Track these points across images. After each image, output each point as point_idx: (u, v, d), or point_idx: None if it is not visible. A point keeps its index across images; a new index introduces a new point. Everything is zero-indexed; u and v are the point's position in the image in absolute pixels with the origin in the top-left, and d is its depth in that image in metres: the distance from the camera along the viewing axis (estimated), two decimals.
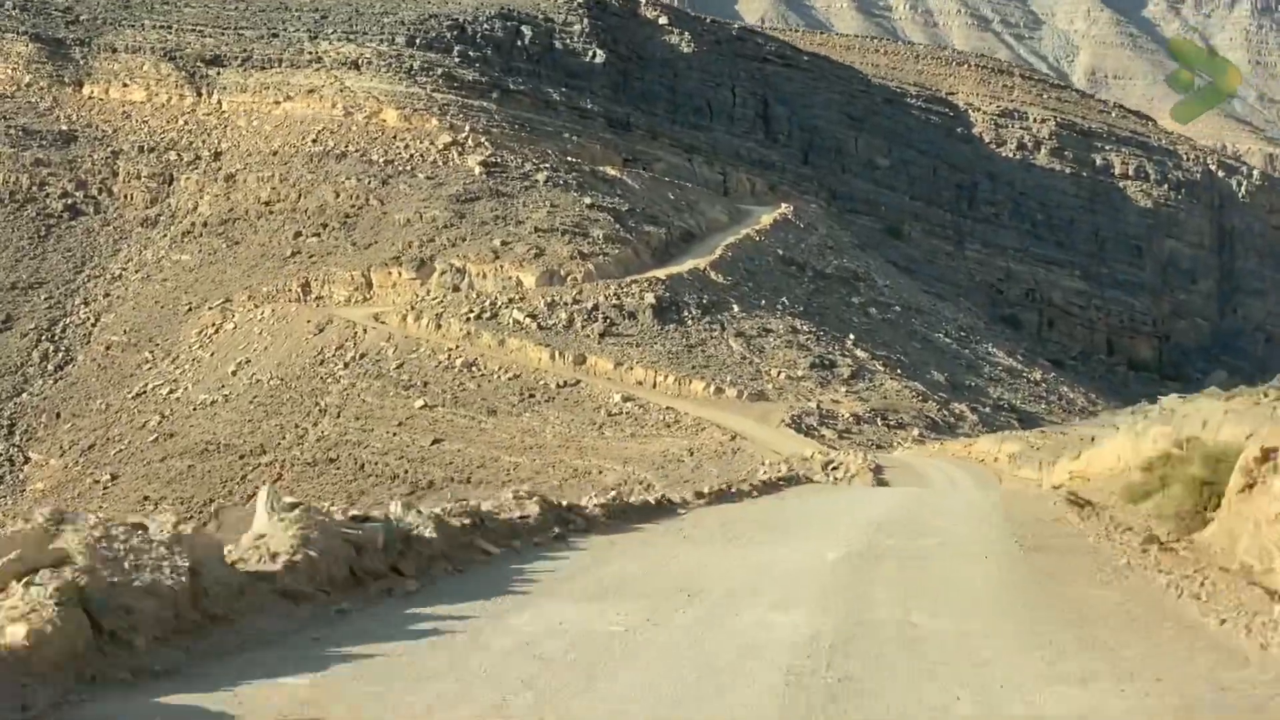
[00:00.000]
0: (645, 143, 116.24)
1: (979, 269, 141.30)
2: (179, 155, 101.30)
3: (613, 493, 23.80)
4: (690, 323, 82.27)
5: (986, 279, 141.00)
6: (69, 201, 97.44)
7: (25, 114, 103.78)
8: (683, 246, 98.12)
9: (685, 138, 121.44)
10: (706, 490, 21.73)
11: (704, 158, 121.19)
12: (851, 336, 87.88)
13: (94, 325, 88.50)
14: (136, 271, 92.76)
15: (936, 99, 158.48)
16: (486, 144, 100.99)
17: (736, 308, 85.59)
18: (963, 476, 42.69)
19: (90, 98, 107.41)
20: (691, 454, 63.39)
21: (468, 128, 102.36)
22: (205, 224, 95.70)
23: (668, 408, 70.51)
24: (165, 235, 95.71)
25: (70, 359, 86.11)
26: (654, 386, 75.12)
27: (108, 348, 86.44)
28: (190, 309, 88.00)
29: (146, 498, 71.94)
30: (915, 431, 70.58)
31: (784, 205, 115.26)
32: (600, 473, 64.66)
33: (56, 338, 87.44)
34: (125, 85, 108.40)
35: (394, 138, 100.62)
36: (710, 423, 67.36)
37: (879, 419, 71.13)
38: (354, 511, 13.71)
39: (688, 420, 68.85)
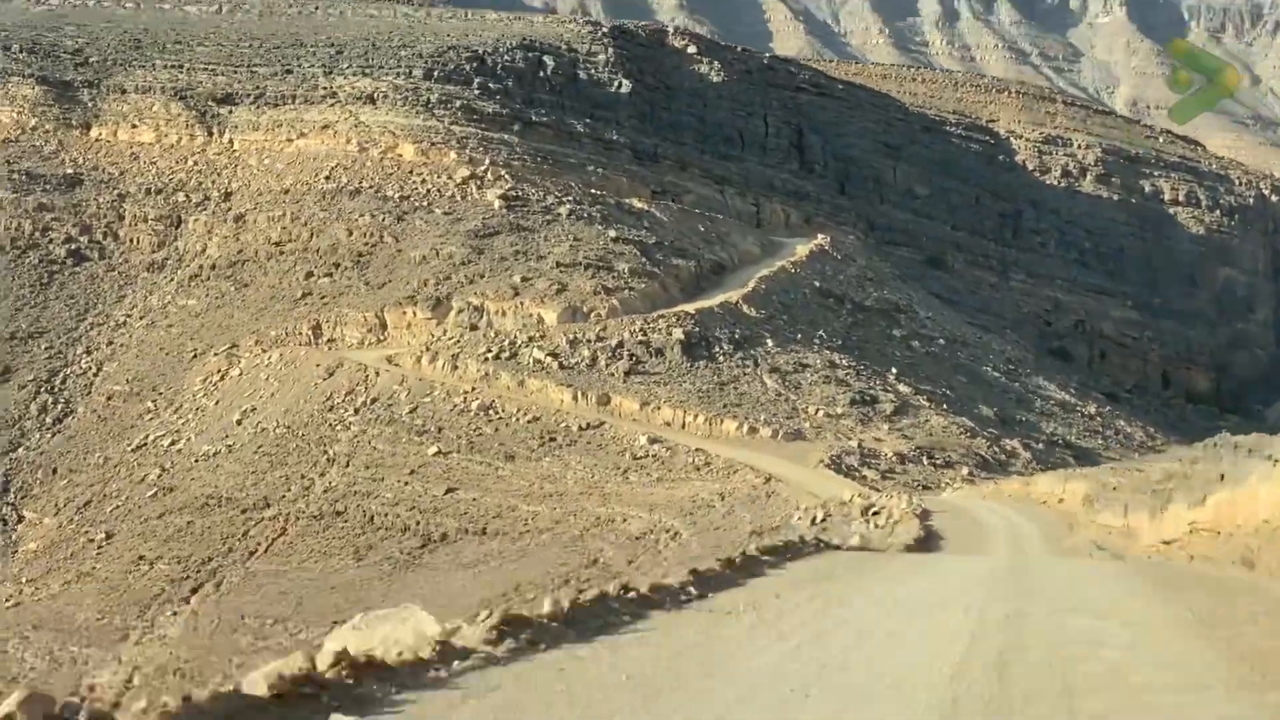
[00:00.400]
0: (674, 174, 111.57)
1: (1025, 300, 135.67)
2: (187, 196, 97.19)
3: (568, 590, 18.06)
4: (721, 359, 77.26)
5: (1034, 310, 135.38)
6: (73, 247, 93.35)
7: (29, 158, 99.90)
8: (714, 280, 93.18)
9: (716, 169, 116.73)
10: (700, 569, 16.10)
11: (736, 189, 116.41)
12: (894, 371, 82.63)
13: (95, 375, 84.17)
14: (141, 318, 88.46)
15: (977, 126, 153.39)
16: (507, 177, 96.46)
17: (771, 342, 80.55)
18: (1027, 525, 37.30)
19: (97, 140, 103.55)
20: (723, 498, 58.32)
21: (487, 161, 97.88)
22: (213, 267, 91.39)
23: (697, 449, 65.46)
24: (172, 279, 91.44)
25: (70, 411, 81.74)
26: (683, 427, 70.11)
27: (109, 398, 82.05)
28: (195, 355, 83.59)
29: (142, 557, 67.40)
30: (965, 470, 65.30)
31: (820, 236, 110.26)
32: (624, 520, 59.80)
33: (56, 389, 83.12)
34: (134, 126, 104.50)
35: (410, 173, 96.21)
36: (743, 465, 62.27)
37: (925, 457, 65.87)
38: None
39: (719, 463, 63.76)
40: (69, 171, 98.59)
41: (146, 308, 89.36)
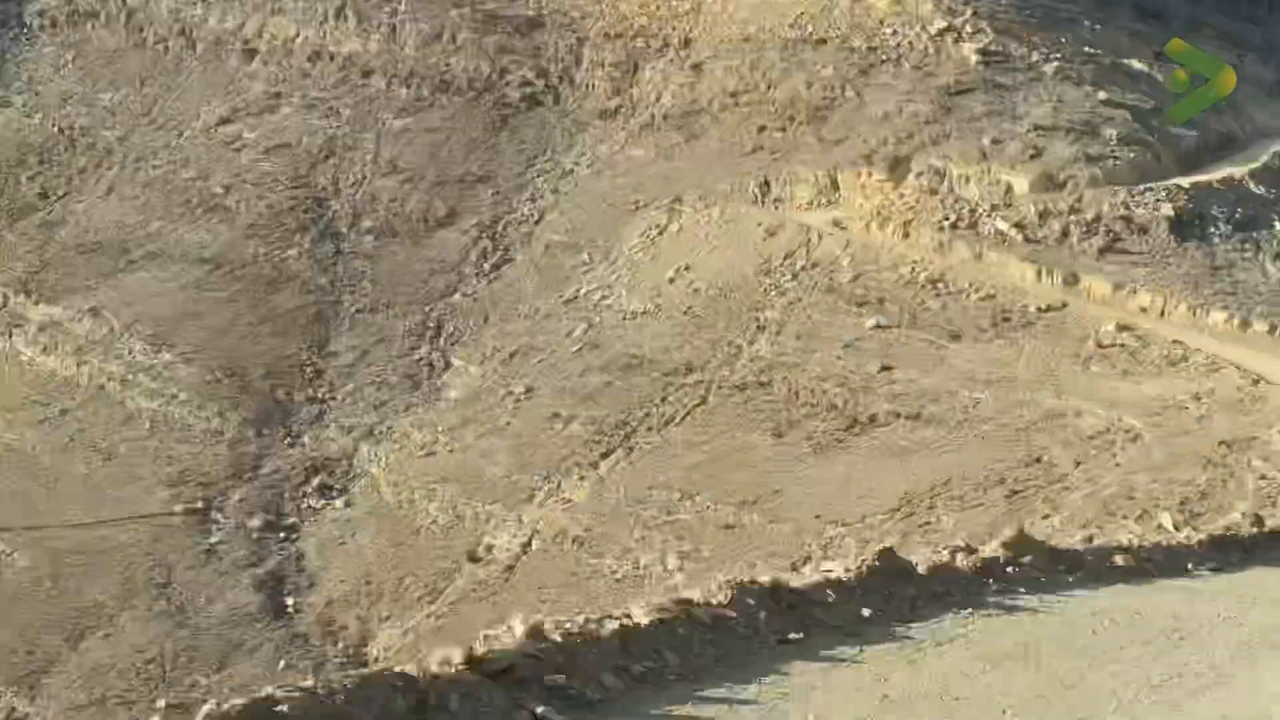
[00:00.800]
0: (1184, 34, 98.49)
1: None
2: (646, 43, 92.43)
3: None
4: (1217, 241, 66.56)
5: None
6: (528, 91, 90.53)
7: None
8: (1219, 154, 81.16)
9: (1237, 31, 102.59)
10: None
11: (1258, 55, 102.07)
12: None
13: (537, 223, 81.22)
14: (588, 167, 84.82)
15: None
16: (987, 30, 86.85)
17: (1278, 225, 68.91)
18: None
19: None
20: (1198, 400, 49.37)
21: (969, 12, 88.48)
22: (665, 116, 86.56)
23: (1174, 341, 56.07)
24: (623, 129, 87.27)
25: (509, 259, 79.14)
26: (1161, 315, 60.50)
27: (547, 247, 78.96)
28: (637, 208, 79.20)
29: (557, 415, 63.96)
30: None
31: None
32: (1078, 415, 51.83)
33: (498, 235, 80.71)
34: None
35: (880, 23, 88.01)
36: (1228, 362, 52.61)
37: None
38: None
39: (1199, 358, 54.31)
40: (530, 14, 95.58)
41: (595, 156, 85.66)
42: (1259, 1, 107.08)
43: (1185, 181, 72.12)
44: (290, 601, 59.14)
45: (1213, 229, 67.58)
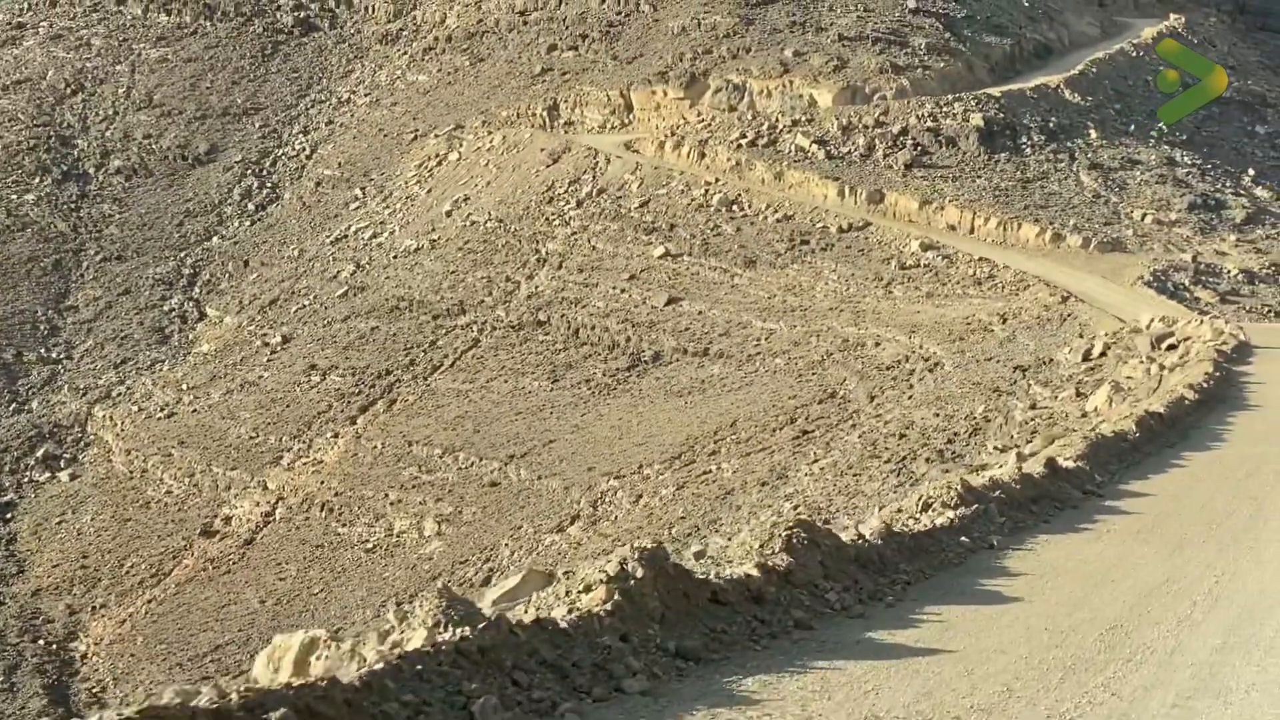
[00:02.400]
0: None
1: None
2: None
3: None
4: (1029, 151, 61.89)
5: None
6: (301, 15, 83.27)
7: None
8: (1034, 64, 76.57)
9: None
10: None
11: None
12: (1251, 172, 65.47)
13: (309, 157, 74.23)
14: (366, 95, 77.95)
15: None
16: None
17: (1094, 134, 64.44)
18: None
19: None
20: (1004, 321, 44.44)
21: None
22: (449, 39, 79.92)
23: (981, 259, 51.17)
24: (405, 53, 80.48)
25: (275, 197, 72.18)
26: (970, 232, 55.68)
27: (318, 183, 72.14)
28: (416, 137, 72.59)
29: (314, 366, 57.47)
30: None
31: (1173, 16, 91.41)
32: (877, 344, 46.75)
33: (264, 172, 73.63)
34: None
35: None
36: (1037, 279, 47.71)
37: None
38: None
39: (1006, 276, 49.45)
40: None
41: (374, 84, 78.80)
42: None
43: (996, 91, 67.30)
44: None
45: (1025, 139, 62.81)
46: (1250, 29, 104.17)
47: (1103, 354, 30.72)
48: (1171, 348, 27.76)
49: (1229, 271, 49.74)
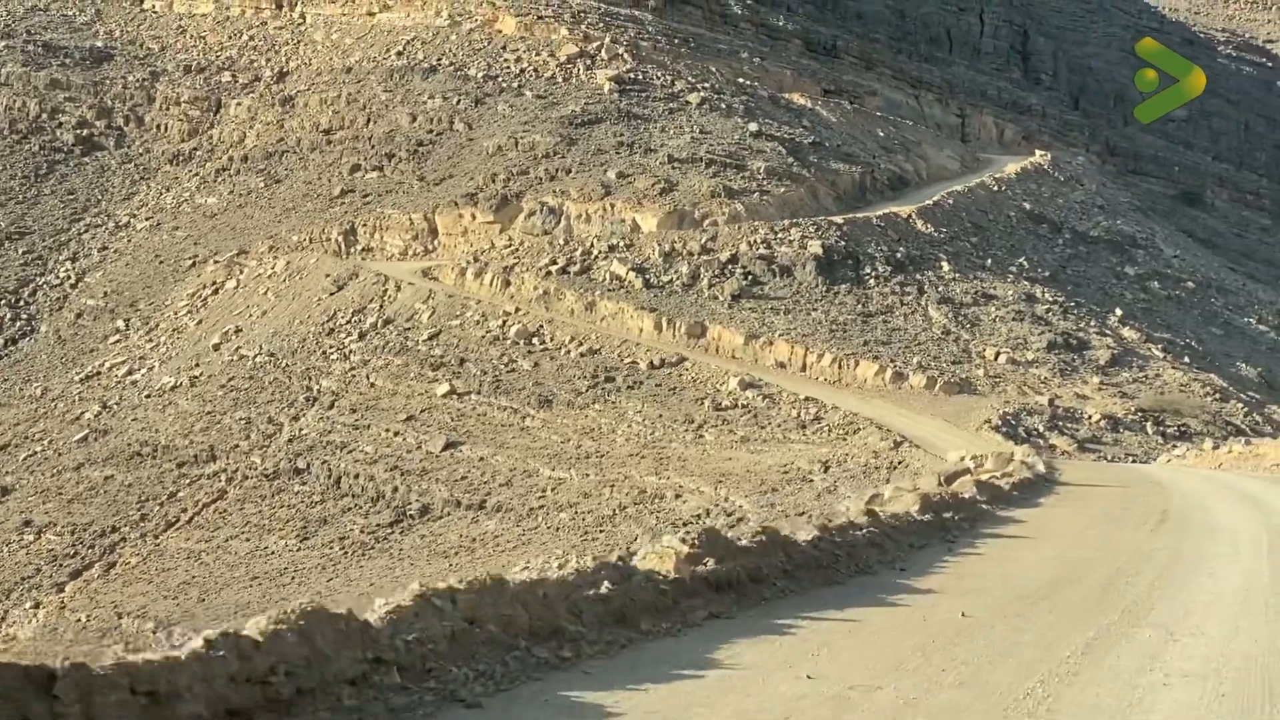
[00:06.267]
0: (856, 73, 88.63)
1: None
2: (234, 76, 78.17)
3: None
4: (873, 283, 55.22)
5: None
6: (85, 133, 75.18)
7: (56, 28, 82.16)
8: (888, 194, 70.54)
9: (913, 70, 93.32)
10: None
11: (936, 95, 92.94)
12: (1118, 312, 59.30)
13: (73, 286, 65.67)
14: (147, 219, 69.79)
15: (1251, 46, 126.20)
16: (626, 58, 75.16)
17: (947, 266, 58.02)
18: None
19: (145, 10, 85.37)
20: (827, 469, 36.82)
21: (607, 39, 76.56)
22: (245, 159, 72.20)
23: (807, 399, 43.71)
24: (196, 174, 72.57)
25: (30, 330, 63.38)
26: (802, 369, 48.46)
27: (79, 315, 63.57)
28: (194, 263, 64.44)
29: (28, 523, 48.33)
30: (1208, 444, 42.23)
31: (1039, 154, 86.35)
32: (678, 496, 38.90)
33: (22, 302, 64.88)
34: None
35: (503, 49, 75.55)
36: (869, 421, 40.32)
37: (1150, 423, 43.06)
38: None
39: (835, 418, 42.06)
40: (98, 45, 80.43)
41: (158, 207, 70.70)
42: (937, 41, 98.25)
43: (839, 218, 60.70)
44: None
45: (869, 270, 56.01)
46: (1121, 171, 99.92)
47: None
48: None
49: (1090, 417, 42.78)
